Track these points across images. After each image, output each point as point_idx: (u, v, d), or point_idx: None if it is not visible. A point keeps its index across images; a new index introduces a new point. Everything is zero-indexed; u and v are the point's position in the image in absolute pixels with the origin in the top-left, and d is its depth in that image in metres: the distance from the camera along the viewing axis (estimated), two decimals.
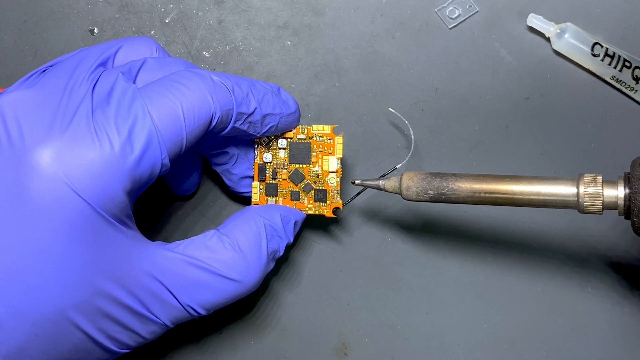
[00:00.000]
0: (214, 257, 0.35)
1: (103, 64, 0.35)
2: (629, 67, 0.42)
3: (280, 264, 0.43)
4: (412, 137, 0.41)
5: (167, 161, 0.33)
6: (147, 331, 0.34)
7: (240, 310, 0.42)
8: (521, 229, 0.42)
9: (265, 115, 0.37)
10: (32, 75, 0.34)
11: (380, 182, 0.38)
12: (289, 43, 0.44)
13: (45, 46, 0.44)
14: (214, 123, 0.34)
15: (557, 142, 0.43)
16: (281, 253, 0.38)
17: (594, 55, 0.42)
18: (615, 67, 0.42)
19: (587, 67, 0.43)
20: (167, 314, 0.34)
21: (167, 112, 0.33)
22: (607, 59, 0.42)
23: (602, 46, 0.42)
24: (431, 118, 0.43)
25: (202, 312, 0.35)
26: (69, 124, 0.31)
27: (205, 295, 0.35)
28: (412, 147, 0.42)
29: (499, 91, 0.43)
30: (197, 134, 0.34)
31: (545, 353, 0.42)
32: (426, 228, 0.43)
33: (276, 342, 0.42)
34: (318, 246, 0.43)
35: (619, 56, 0.42)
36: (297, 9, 0.44)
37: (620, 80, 0.42)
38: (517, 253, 0.42)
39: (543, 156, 0.43)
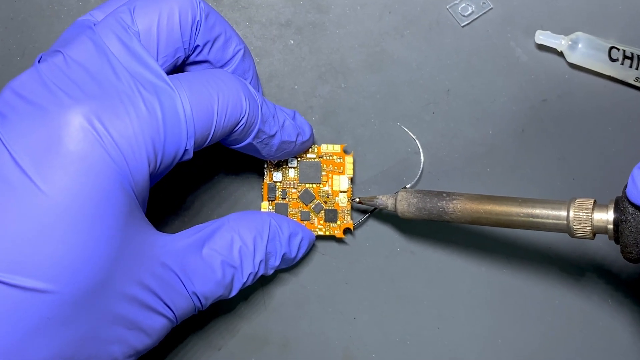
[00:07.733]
0: (216, 244, 0.37)
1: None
2: None
3: (283, 276, 0.43)
4: (422, 162, 0.42)
5: (191, 149, 0.34)
6: (151, 327, 0.34)
7: (240, 325, 0.42)
8: (538, 239, 0.42)
9: (283, 142, 0.39)
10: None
11: (378, 202, 0.40)
12: (292, 42, 0.44)
13: (34, 45, 0.44)
14: (239, 128, 0.36)
15: (575, 146, 0.43)
16: (276, 263, 0.39)
17: (612, 60, 0.41)
18: (637, 68, 0.41)
19: (607, 74, 0.42)
20: (175, 302, 0.35)
21: (202, 102, 0.34)
22: (627, 62, 0.41)
23: (618, 49, 0.42)
24: (442, 121, 0.43)
25: (203, 301, 0.36)
26: (106, 92, 0.32)
27: (206, 283, 0.36)
28: (421, 168, 0.40)
29: (515, 93, 0.43)
30: (224, 132, 0.35)
31: None
32: (437, 238, 0.43)
33: (278, 358, 0.42)
34: (322, 257, 0.43)
35: (638, 55, 0.41)
36: (301, 5, 0.44)
37: None
38: (534, 265, 0.42)
39: (561, 161, 0.43)
